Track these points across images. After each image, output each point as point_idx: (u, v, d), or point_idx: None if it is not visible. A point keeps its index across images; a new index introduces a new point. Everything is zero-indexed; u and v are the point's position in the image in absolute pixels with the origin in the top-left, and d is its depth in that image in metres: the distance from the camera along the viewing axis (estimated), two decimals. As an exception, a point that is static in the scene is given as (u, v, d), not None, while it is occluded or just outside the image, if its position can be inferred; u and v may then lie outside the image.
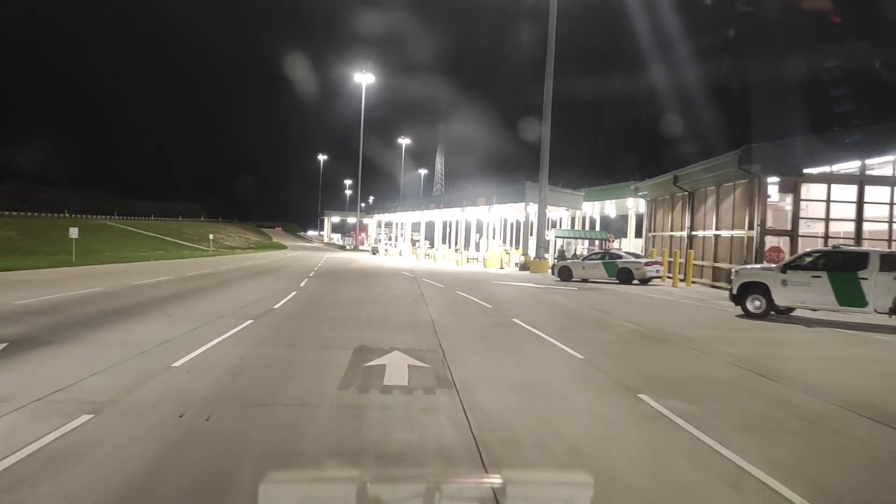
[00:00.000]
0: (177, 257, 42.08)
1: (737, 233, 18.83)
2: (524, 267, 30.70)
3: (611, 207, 49.57)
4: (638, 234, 47.96)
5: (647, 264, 20.54)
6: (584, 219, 47.18)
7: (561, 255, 29.69)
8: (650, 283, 20.69)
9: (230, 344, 7.48)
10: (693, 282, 20.58)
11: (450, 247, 53.50)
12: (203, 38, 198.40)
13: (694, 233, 22.27)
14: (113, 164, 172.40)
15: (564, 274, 22.12)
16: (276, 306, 11.56)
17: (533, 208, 34.79)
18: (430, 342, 8.04)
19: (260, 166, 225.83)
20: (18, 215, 68.90)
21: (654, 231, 27.12)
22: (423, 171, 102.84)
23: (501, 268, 33.51)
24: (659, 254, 23.67)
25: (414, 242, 62.48)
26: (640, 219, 49.25)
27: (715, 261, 20.30)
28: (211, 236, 59.48)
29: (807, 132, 17.80)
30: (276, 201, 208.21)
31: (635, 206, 46.30)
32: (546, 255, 29.79)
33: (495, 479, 3.52)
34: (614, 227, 46.72)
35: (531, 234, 36.01)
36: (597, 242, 33.56)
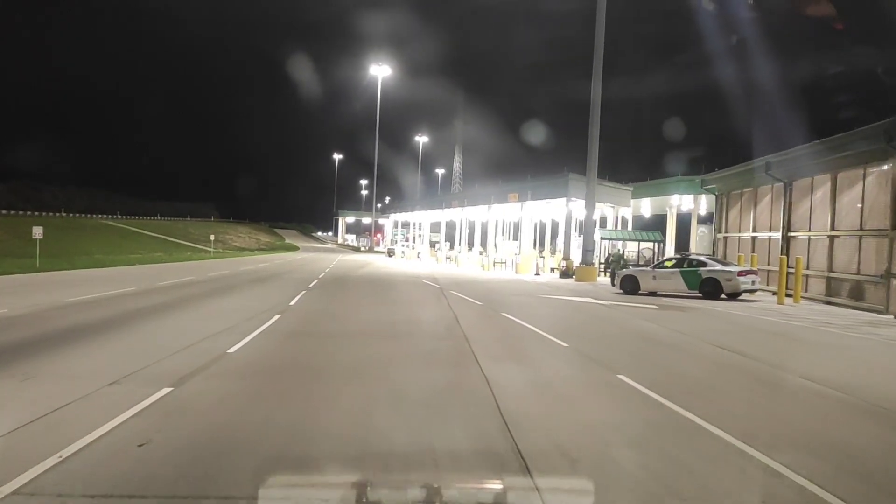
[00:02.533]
0: (175, 259, 38.37)
1: (868, 233, 14.23)
2: (565, 273, 26.22)
3: (646, 206, 44.82)
4: (679, 235, 43.21)
5: (740, 274, 15.96)
6: (616, 218, 42.40)
7: (615, 261, 25.05)
8: (739, 297, 16.15)
9: (51, 484, 3.23)
10: (800, 297, 15.98)
11: (470, 248, 49.02)
12: (215, 37, 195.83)
13: (793, 234, 17.63)
14: (124, 164, 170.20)
15: (628, 285, 17.61)
16: (234, 349, 7.30)
17: (575, 205, 30.20)
18: (506, 462, 3.72)
19: (274, 167, 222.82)
20: (13, 214, 65.50)
21: (727, 232, 22.48)
22: (440, 171, 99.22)
23: (537, 274, 29.11)
24: (744, 259, 19.06)
25: (433, 244, 57.93)
26: (682, 218, 44.57)
27: (830, 270, 15.66)
28: (212, 237, 55.33)
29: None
30: (290, 202, 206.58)
31: (679, 203, 41.62)
32: (593, 261, 25.30)
33: None
34: (649, 229, 41.91)
35: (576, 235, 31.48)
36: (641, 245, 28.84)
